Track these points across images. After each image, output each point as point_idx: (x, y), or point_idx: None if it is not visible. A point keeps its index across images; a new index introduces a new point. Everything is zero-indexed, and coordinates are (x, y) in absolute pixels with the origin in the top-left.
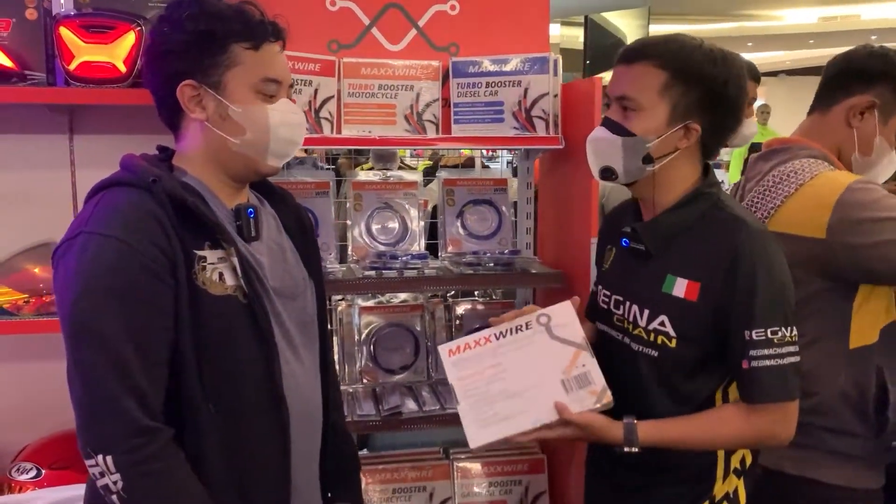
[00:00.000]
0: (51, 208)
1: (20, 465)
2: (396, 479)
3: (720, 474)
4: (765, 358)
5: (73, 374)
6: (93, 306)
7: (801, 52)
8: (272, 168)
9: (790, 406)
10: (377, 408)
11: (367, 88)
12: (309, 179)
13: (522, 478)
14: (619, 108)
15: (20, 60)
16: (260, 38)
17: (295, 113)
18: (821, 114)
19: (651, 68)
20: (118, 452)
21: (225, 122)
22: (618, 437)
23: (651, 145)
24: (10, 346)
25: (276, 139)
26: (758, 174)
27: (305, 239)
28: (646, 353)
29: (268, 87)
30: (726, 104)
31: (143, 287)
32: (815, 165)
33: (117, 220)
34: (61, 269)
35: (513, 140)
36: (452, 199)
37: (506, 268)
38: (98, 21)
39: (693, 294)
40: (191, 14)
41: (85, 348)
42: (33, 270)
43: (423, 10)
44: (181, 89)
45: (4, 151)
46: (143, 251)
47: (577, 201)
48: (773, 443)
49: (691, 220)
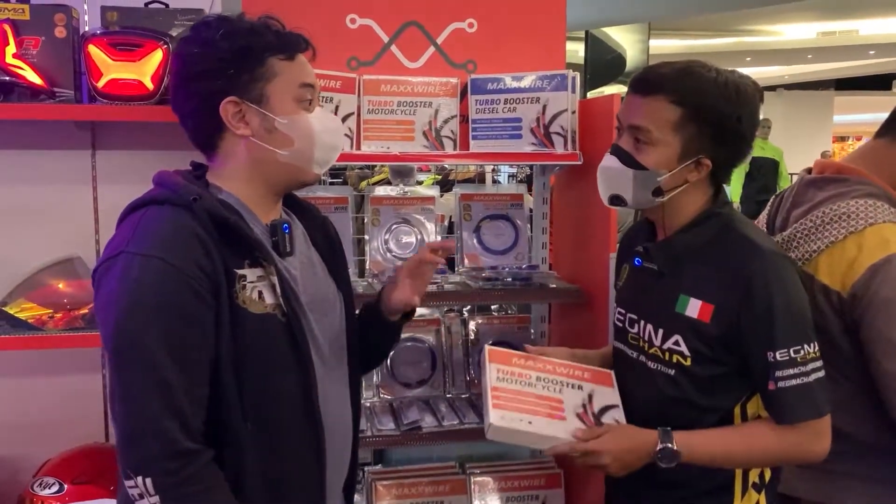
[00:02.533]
0: (72, 223)
1: (42, 480)
2: (413, 493)
3: (738, 490)
4: (790, 378)
5: (115, 394)
6: (137, 327)
7: (800, 67)
8: (315, 176)
9: (822, 422)
10: (396, 422)
11: (386, 105)
12: (328, 195)
13: (539, 493)
14: (632, 138)
15: (49, 78)
16: (294, 49)
17: (333, 119)
18: (888, 142)
19: (667, 104)
20: (158, 474)
21: (271, 134)
22: (652, 435)
23: (661, 179)
24: (33, 360)
25: (320, 146)
26: (808, 202)
27: (333, 252)
28: (663, 372)
29: (306, 94)
30: (739, 139)
31: (187, 307)
32: (871, 210)
33: (159, 240)
34: (104, 290)
35: (531, 156)
36: (469, 214)
37: (524, 283)
38: (126, 39)
39: (706, 315)
40: (225, 32)
41: (128, 368)
42: (57, 286)
43: (442, 28)
44: (224, 107)
45: (29, 166)
46: (186, 271)
47: (596, 217)
48: (810, 458)
49: (703, 241)
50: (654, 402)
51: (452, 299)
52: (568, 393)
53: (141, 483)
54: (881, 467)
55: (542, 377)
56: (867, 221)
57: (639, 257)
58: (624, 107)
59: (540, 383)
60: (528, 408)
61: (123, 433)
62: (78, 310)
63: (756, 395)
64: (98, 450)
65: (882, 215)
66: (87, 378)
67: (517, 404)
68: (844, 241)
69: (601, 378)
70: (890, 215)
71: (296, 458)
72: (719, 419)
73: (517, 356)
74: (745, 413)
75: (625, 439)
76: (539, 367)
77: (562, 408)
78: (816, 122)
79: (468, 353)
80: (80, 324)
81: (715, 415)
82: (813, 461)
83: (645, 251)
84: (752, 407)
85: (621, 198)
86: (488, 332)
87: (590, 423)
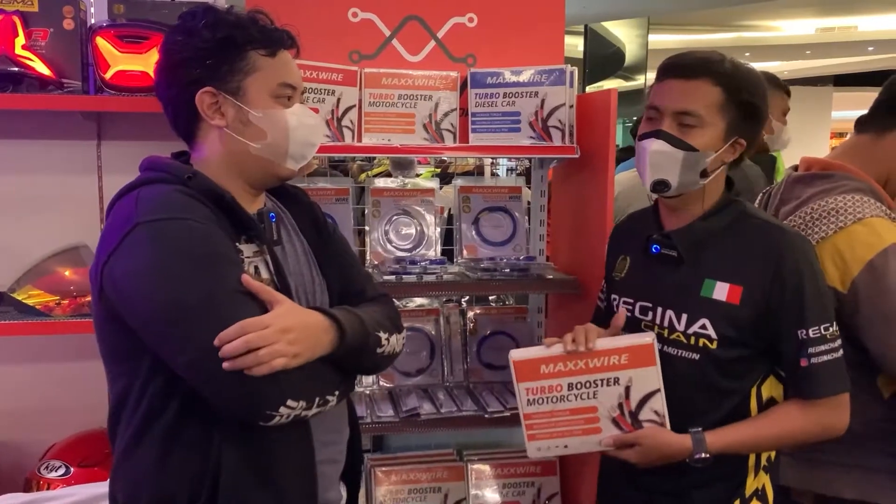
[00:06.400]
0: (78, 212)
1: (49, 463)
2: (411, 480)
3: (752, 470)
4: (823, 354)
5: (198, 355)
6: (191, 280)
7: (798, 63)
8: (290, 171)
9: (846, 396)
10: (395, 409)
11: (387, 98)
12: (329, 186)
13: (535, 479)
14: (676, 123)
15: (57, 69)
16: (276, 45)
17: (311, 116)
18: (873, 137)
19: (710, 86)
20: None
21: (246, 127)
22: (685, 445)
23: (710, 159)
24: (39, 346)
25: (294, 141)
26: (796, 199)
27: (320, 238)
28: (685, 357)
29: (284, 91)
30: (763, 120)
31: (230, 254)
32: (859, 205)
33: (170, 205)
34: (124, 262)
35: (529, 149)
36: (468, 206)
37: (522, 273)
38: (133, 31)
39: (735, 297)
40: (208, 22)
41: (204, 321)
42: (64, 273)
43: (442, 23)
44: (200, 97)
45: (35, 156)
46: (209, 225)
47: (593, 210)
48: (834, 433)
49: (722, 226)
50: (673, 388)
51: (451, 289)
52: (603, 393)
53: (285, 410)
54: (869, 457)
55: (575, 382)
56: (855, 217)
57: (657, 244)
58: (662, 93)
59: (572, 393)
60: (562, 430)
61: (239, 376)
62: (84, 297)
63: (769, 378)
64: (104, 434)
65: (869, 210)
66: (93, 364)
67: (551, 429)
68: (834, 237)
69: (640, 355)
70: (877, 210)
71: (280, 440)
72: (738, 402)
73: (545, 361)
74: (759, 395)
75: (655, 450)
76: (570, 371)
77: (596, 418)
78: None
79: (466, 342)
80: (86, 310)
81: (734, 398)
82: (835, 436)
83: (665, 238)
84: (766, 390)
85: (666, 182)
86: (486, 322)
87: (627, 428)
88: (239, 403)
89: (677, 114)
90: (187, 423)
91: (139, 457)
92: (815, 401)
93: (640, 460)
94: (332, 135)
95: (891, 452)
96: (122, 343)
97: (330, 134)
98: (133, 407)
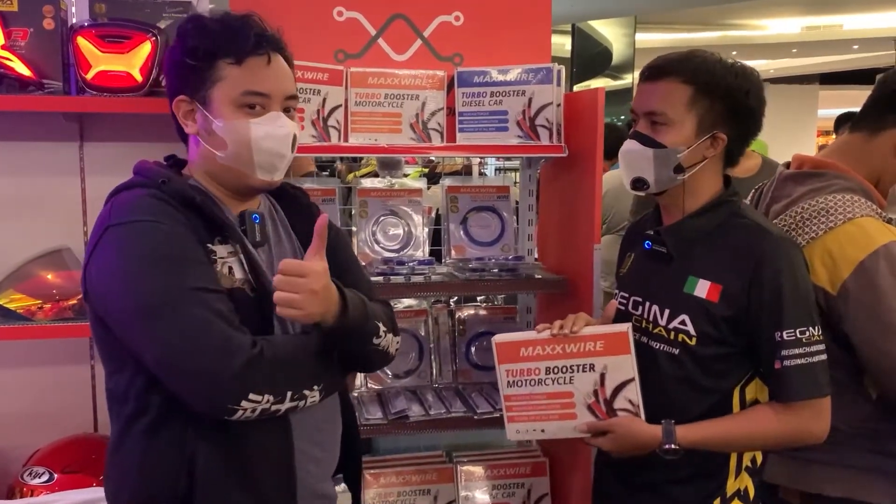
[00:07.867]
0: (61, 215)
1: (32, 469)
2: (401, 482)
3: (733, 471)
4: (796, 357)
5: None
6: (159, 276)
7: (785, 62)
8: (263, 182)
9: (823, 402)
10: (384, 411)
11: (373, 97)
12: (316, 186)
13: (525, 480)
14: (648, 123)
15: (37, 69)
16: (242, 54)
17: (282, 126)
18: (865, 136)
19: (677, 84)
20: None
21: (210, 136)
22: (656, 435)
23: (681, 155)
24: (22, 350)
25: (259, 152)
26: (786, 197)
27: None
28: (666, 351)
29: (250, 101)
30: (748, 113)
31: (197, 254)
32: (850, 205)
33: (140, 209)
34: (101, 264)
35: (517, 148)
36: (456, 206)
37: (511, 273)
38: (114, 31)
39: (714, 296)
40: (187, 30)
41: (168, 316)
42: (46, 277)
43: (429, 21)
44: (176, 104)
45: (17, 158)
46: (177, 229)
47: (581, 209)
48: (810, 440)
49: (712, 226)
50: (655, 383)
51: (439, 290)
52: (579, 379)
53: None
54: (857, 456)
55: (552, 367)
56: (845, 217)
57: (649, 240)
58: (637, 97)
59: (549, 377)
60: (539, 414)
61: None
62: (67, 300)
63: (755, 381)
64: (87, 439)
65: (860, 209)
66: (77, 368)
67: (529, 412)
68: (824, 237)
69: (615, 343)
70: (867, 209)
71: (253, 435)
72: (718, 401)
73: (525, 344)
74: (743, 397)
75: (627, 439)
76: (547, 355)
77: (572, 404)
78: (801, 116)
79: (455, 343)
80: (70, 314)
81: (714, 396)
82: (813, 442)
83: (656, 234)
84: (750, 392)
85: (644, 180)
86: (475, 322)
87: (601, 415)
88: (202, 398)
89: (646, 114)
90: (168, 420)
91: (124, 453)
92: (790, 404)
93: (613, 448)
94: (318, 135)
95: (878, 451)
96: (108, 342)
97: (316, 134)
98: (120, 404)
